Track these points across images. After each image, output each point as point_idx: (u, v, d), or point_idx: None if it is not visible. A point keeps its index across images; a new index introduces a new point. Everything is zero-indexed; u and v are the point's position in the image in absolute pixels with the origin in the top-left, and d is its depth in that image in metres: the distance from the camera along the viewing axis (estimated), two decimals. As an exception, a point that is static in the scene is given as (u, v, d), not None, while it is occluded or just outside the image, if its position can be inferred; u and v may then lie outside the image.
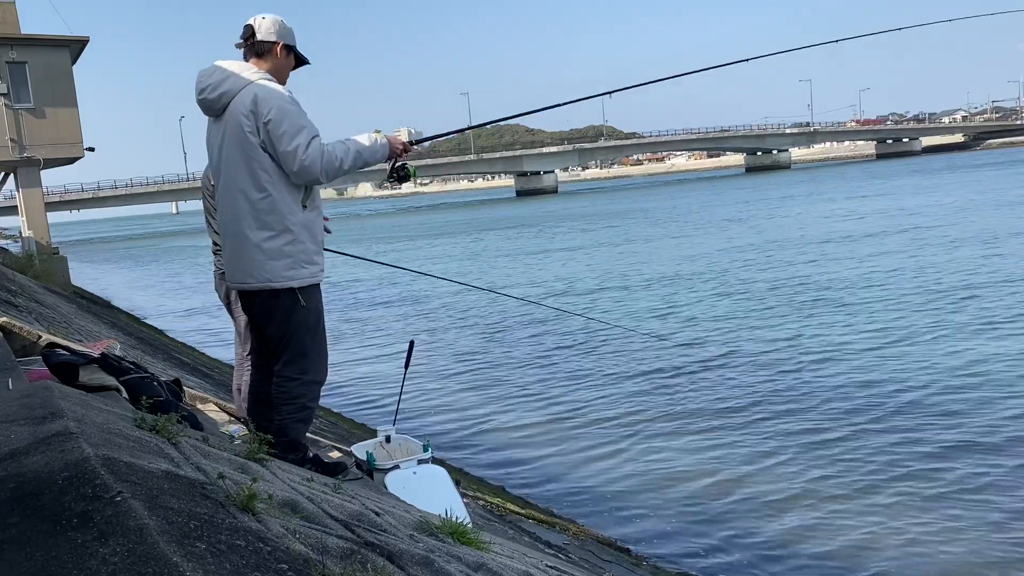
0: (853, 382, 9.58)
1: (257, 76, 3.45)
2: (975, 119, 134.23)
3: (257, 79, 3.44)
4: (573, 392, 10.36)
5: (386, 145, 3.59)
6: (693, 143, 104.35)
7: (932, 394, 8.90)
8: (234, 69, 3.46)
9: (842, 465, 7.19)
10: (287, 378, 3.58)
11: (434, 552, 2.27)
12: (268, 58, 3.56)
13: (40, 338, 5.11)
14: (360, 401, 10.79)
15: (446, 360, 12.91)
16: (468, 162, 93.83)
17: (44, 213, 23.75)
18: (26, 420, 2.23)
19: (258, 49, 3.55)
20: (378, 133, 3.61)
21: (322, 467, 3.66)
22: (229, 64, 3.49)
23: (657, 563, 5.76)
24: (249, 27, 3.56)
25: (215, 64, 3.52)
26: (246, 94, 3.39)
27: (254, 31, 3.54)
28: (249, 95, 3.38)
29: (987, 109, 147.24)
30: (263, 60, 3.55)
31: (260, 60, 3.54)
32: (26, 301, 10.00)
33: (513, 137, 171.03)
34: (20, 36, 22.33)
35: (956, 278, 15.73)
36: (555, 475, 7.68)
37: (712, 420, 8.70)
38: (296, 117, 3.37)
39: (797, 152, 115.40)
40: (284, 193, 3.41)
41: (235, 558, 1.51)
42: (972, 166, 65.87)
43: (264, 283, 3.46)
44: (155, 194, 77.13)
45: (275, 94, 3.38)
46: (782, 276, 18.22)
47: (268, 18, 3.57)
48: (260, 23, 3.55)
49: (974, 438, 7.50)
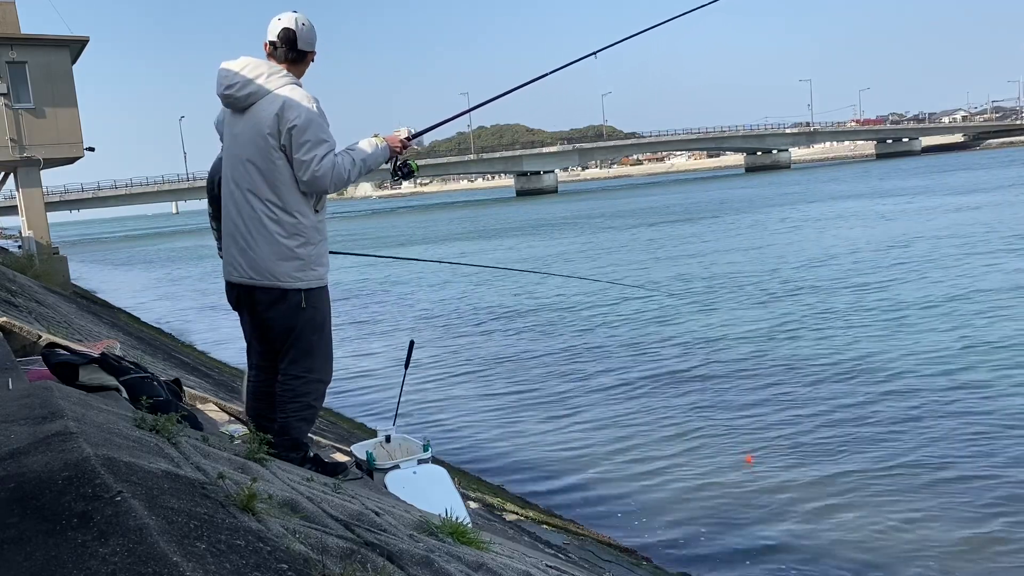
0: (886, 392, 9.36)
1: (287, 81, 3.48)
2: (975, 119, 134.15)
3: (288, 83, 3.46)
4: (573, 392, 10.36)
5: (386, 148, 3.63)
6: (693, 143, 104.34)
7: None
8: (264, 71, 3.46)
9: (847, 466, 7.19)
10: (293, 376, 3.58)
11: (434, 552, 2.26)
12: (301, 66, 3.58)
13: (40, 338, 5.12)
14: (360, 401, 10.79)
15: (446, 360, 12.91)
16: (468, 162, 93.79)
17: (44, 213, 23.73)
18: (26, 420, 2.23)
19: (295, 57, 3.54)
20: (377, 137, 3.64)
21: (322, 467, 3.66)
22: (259, 64, 3.49)
23: (657, 563, 5.76)
24: (289, 33, 3.50)
25: (243, 60, 3.50)
26: (275, 98, 3.41)
27: (295, 39, 3.51)
28: (278, 100, 3.40)
29: (987, 109, 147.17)
30: (296, 67, 3.56)
31: (293, 66, 3.55)
32: (26, 301, 10.00)
33: (513, 137, 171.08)
34: (20, 36, 22.31)
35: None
36: (555, 475, 7.68)
37: (713, 421, 8.70)
38: (320, 129, 3.40)
39: (797, 152, 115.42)
40: (298, 196, 3.44)
41: (235, 558, 1.51)
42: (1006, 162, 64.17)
43: (273, 282, 3.47)
44: (155, 194, 77.13)
45: (304, 101, 3.40)
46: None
47: (307, 24, 3.54)
48: (302, 31, 3.52)
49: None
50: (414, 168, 3.78)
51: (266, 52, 3.55)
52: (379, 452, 4.30)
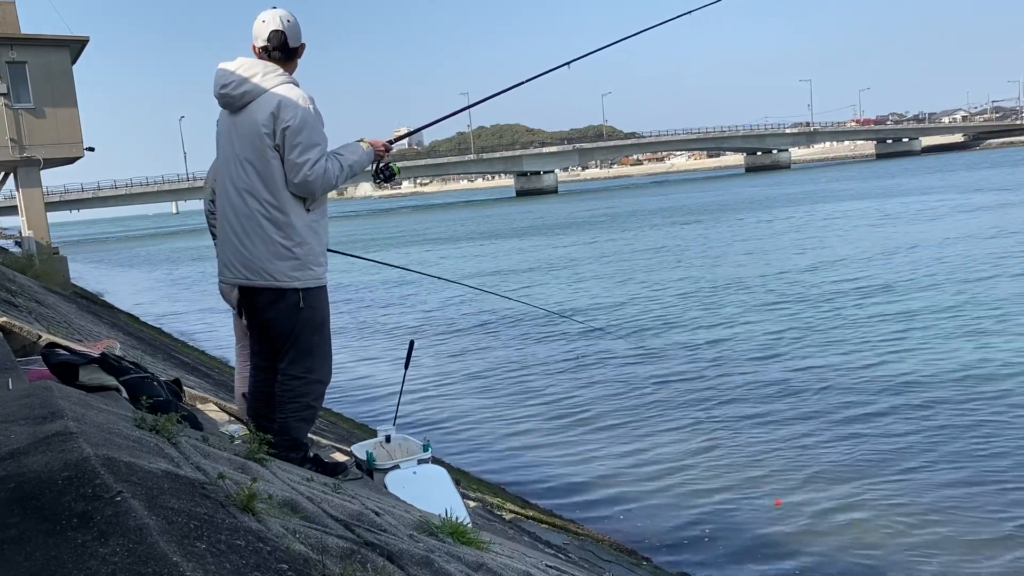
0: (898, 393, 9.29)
1: (283, 79, 3.48)
2: (975, 119, 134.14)
3: (283, 82, 3.47)
4: (574, 392, 10.36)
5: (371, 152, 3.70)
6: (693, 143, 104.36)
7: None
8: (259, 70, 3.47)
9: (848, 467, 7.18)
10: (292, 376, 3.59)
11: (434, 552, 2.27)
12: (294, 61, 3.60)
13: (40, 338, 5.12)
14: (360, 401, 10.79)
15: (446, 360, 12.91)
16: (468, 162, 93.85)
17: (44, 213, 23.75)
18: (26, 420, 2.23)
19: (289, 55, 3.56)
20: (363, 142, 3.71)
21: (322, 467, 3.67)
22: (254, 64, 3.50)
23: (657, 563, 5.76)
24: (280, 35, 3.51)
25: (240, 61, 3.52)
26: (271, 97, 3.41)
27: (286, 38, 3.52)
28: (274, 99, 3.40)
29: (987, 109, 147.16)
30: (290, 63, 3.57)
31: (287, 63, 3.56)
32: (26, 301, 10.00)
33: (513, 137, 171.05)
34: (20, 36, 22.32)
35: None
36: (555, 475, 7.68)
37: (715, 422, 8.69)
38: (314, 132, 3.42)
39: (797, 152, 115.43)
40: (290, 196, 3.45)
41: (235, 558, 1.51)
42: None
43: (270, 282, 3.48)
44: (155, 194, 77.16)
45: (300, 101, 3.41)
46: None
47: (291, 19, 3.55)
48: (289, 28, 3.53)
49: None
50: (395, 171, 3.92)
51: (256, 56, 3.55)
52: (379, 452, 4.30)
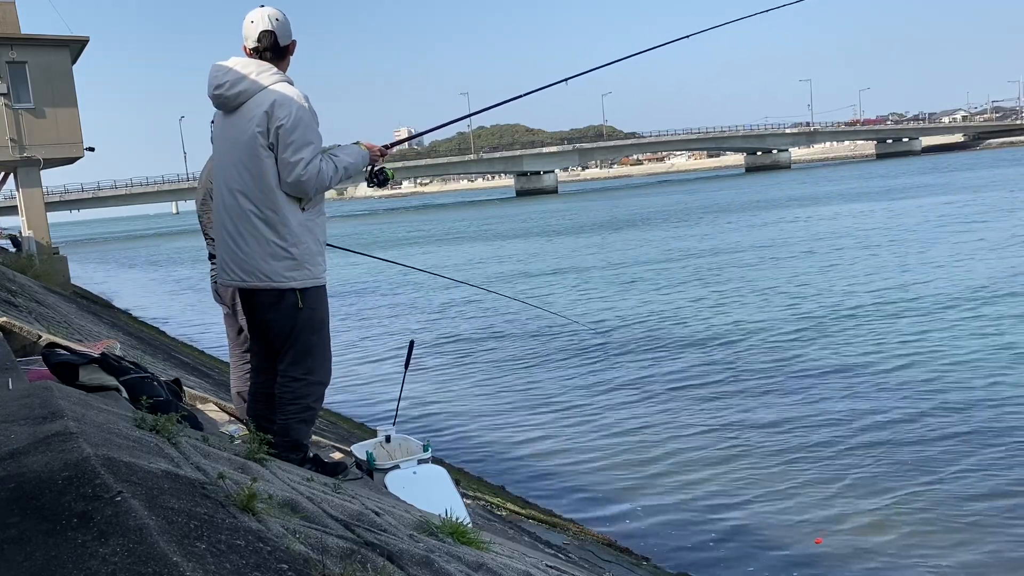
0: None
1: (277, 78, 3.48)
2: (975, 119, 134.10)
3: (278, 81, 3.46)
4: (574, 392, 10.36)
5: (366, 155, 3.69)
6: (693, 143, 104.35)
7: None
8: (253, 69, 3.47)
9: (849, 468, 7.18)
10: (292, 378, 3.58)
11: (434, 552, 2.27)
12: (286, 59, 3.60)
13: (40, 338, 5.12)
14: (360, 401, 10.79)
15: (446, 360, 12.91)
16: (468, 162, 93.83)
17: (44, 213, 23.76)
18: (26, 420, 2.23)
19: (280, 54, 3.56)
20: (359, 144, 3.71)
21: (322, 467, 3.66)
22: (248, 63, 3.49)
23: (657, 563, 5.76)
24: (270, 36, 3.51)
25: (233, 60, 3.52)
26: (265, 96, 3.41)
27: (276, 38, 3.52)
28: (268, 98, 3.40)
29: (987, 109, 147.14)
30: (282, 61, 3.58)
31: (279, 62, 3.56)
32: (26, 301, 10.00)
33: (513, 137, 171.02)
34: (20, 36, 22.33)
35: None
36: (555, 475, 7.68)
37: (716, 422, 8.69)
38: (308, 131, 3.40)
39: (797, 152, 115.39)
40: (284, 195, 3.43)
41: (235, 558, 1.51)
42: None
43: (267, 283, 3.47)
44: (155, 194, 77.17)
45: (294, 100, 3.40)
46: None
47: (280, 17, 3.55)
48: (279, 27, 3.52)
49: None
50: (389, 175, 3.91)
51: (247, 56, 3.55)
52: (379, 452, 4.30)
